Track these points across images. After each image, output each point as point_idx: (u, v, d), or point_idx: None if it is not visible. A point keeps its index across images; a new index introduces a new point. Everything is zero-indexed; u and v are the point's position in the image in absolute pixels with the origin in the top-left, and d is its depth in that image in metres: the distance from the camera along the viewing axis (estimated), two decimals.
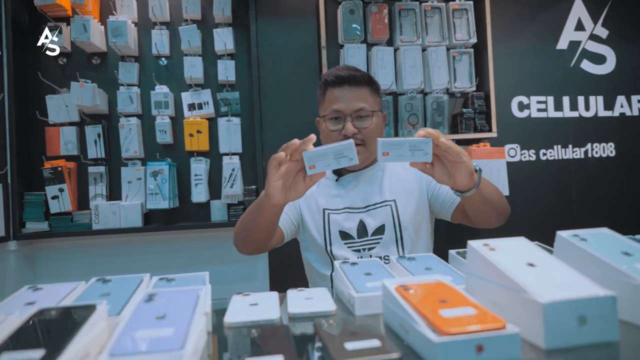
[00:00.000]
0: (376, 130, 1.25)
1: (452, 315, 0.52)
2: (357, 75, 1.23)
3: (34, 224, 2.00)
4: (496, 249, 0.67)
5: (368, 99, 1.24)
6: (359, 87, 1.23)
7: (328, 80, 1.24)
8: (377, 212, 1.25)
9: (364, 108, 1.21)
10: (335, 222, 1.25)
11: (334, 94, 1.23)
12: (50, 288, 0.79)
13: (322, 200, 1.29)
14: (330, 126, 1.23)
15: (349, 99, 1.21)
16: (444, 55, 2.31)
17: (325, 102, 1.25)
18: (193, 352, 0.51)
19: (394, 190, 1.28)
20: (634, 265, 0.61)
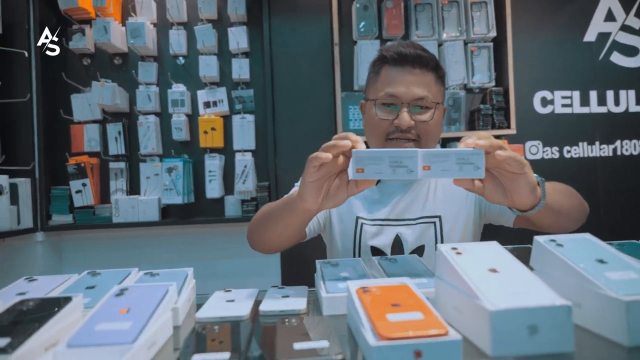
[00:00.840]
0: (436, 127, 1.03)
1: (398, 320, 0.52)
2: (424, 56, 1.01)
3: (60, 216, 2.12)
4: (463, 253, 0.66)
5: (432, 87, 1.01)
6: (424, 72, 1.00)
7: (387, 57, 1.02)
8: (417, 228, 1.07)
9: (427, 97, 0.99)
10: (367, 235, 1.07)
11: (392, 74, 1.00)
12: (44, 280, 0.85)
13: (356, 204, 1.11)
14: (381, 113, 1.01)
15: (409, 83, 0.99)
16: (461, 50, 2.25)
17: (378, 83, 1.03)
18: (147, 346, 0.54)
19: (440, 204, 1.09)
20: (605, 273, 0.59)
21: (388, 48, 1.04)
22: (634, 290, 0.54)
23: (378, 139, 1.03)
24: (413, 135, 1.01)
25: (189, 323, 0.70)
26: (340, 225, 1.11)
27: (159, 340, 0.58)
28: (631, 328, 0.52)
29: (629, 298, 0.52)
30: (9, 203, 1.86)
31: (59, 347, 0.51)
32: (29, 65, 2.04)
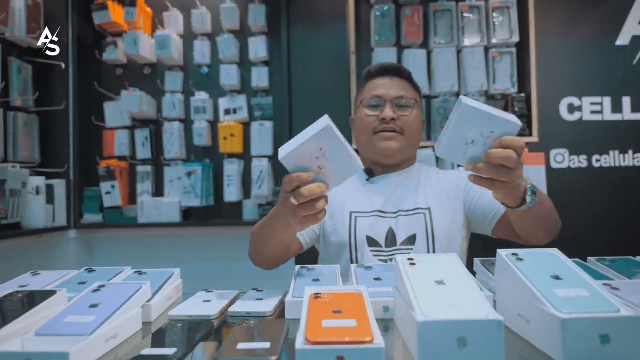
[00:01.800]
0: (416, 123, 1.19)
1: (330, 326, 0.55)
2: (401, 68, 1.23)
3: (91, 215, 2.27)
4: (417, 264, 0.67)
5: (409, 91, 1.21)
6: (401, 79, 1.21)
7: (371, 71, 1.23)
8: (409, 219, 1.16)
9: (405, 96, 1.18)
10: (363, 227, 1.15)
11: (376, 83, 1.20)
12: (47, 274, 0.93)
13: (349, 202, 1.19)
14: (369, 111, 1.18)
15: (390, 87, 1.18)
16: (481, 56, 2.21)
17: (365, 91, 1.22)
18: (105, 339, 0.59)
19: (429, 197, 1.18)
20: (554, 290, 0.58)
21: (372, 66, 1.26)
22: (577, 308, 0.54)
23: (367, 135, 1.19)
24: (397, 127, 1.16)
25: (164, 320, 0.75)
26: (332, 223, 1.18)
27: (121, 334, 0.63)
28: (567, 346, 0.51)
29: (567, 316, 0.52)
30: (45, 202, 2.02)
31: (28, 335, 0.57)
32: (67, 76, 2.21)
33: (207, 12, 2.31)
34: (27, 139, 2.05)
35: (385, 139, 1.15)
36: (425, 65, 2.22)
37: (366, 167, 1.24)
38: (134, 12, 2.20)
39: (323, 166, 0.74)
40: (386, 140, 1.15)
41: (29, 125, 2.06)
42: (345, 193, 1.19)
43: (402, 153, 1.19)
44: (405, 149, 1.18)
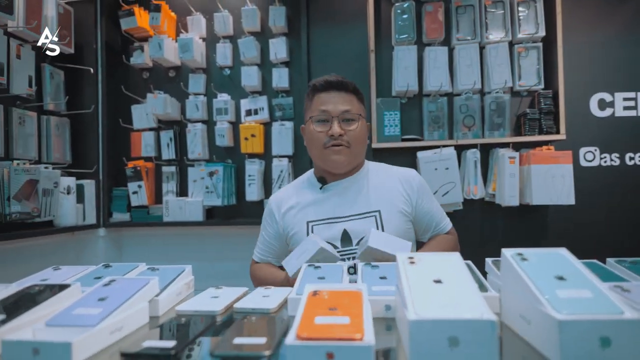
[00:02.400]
0: (362, 135, 1.29)
1: (323, 322, 0.55)
2: (345, 82, 1.29)
3: (119, 214, 2.35)
4: (416, 262, 0.66)
5: (354, 103, 1.29)
6: (346, 93, 1.28)
7: (317, 86, 1.30)
8: (361, 222, 1.25)
9: (350, 110, 1.26)
10: (319, 233, 1.25)
11: (322, 98, 1.28)
12: (67, 269, 0.98)
13: (305, 212, 1.29)
14: (317, 127, 1.26)
15: (335, 102, 1.26)
16: (506, 51, 2.15)
17: (312, 106, 1.30)
18: (110, 331, 0.62)
19: (379, 200, 1.28)
20: (556, 290, 0.57)
21: (317, 80, 1.31)
22: (577, 309, 0.52)
23: (318, 149, 1.28)
24: (344, 141, 1.25)
25: (172, 314, 0.78)
26: (294, 234, 1.29)
27: (127, 327, 0.66)
28: (564, 348, 0.50)
29: (564, 317, 0.50)
30: (75, 202, 2.11)
31: (38, 325, 0.61)
32: (96, 80, 2.31)
33: (228, 15, 2.36)
34: (59, 141, 2.15)
35: (334, 152, 1.25)
36: (447, 62, 2.18)
37: (318, 176, 1.35)
38: (158, 17, 2.26)
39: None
40: (335, 154, 1.25)
41: (60, 128, 2.16)
42: (301, 204, 1.31)
43: (350, 164, 1.29)
44: (352, 160, 1.28)
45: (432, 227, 1.34)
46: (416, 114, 2.27)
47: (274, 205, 1.35)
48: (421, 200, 1.31)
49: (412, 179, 1.33)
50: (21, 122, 1.91)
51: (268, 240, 1.36)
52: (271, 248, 1.36)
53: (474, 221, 2.20)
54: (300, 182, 1.40)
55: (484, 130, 2.18)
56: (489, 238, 2.19)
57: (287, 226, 1.30)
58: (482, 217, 2.20)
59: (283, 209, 1.32)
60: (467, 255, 0.78)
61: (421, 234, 1.36)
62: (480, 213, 2.19)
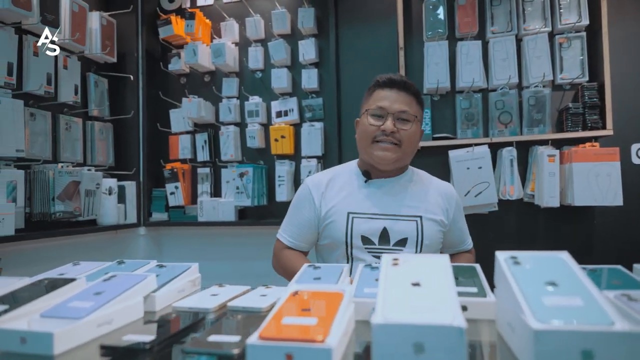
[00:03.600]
0: (414, 137, 1.29)
1: (289, 323, 0.54)
2: (408, 83, 1.30)
3: (158, 214, 2.47)
4: (400, 264, 0.64)
5: (413, 105, 1.29)
6: (407, 94, 1.28)
7: (380, 82, 1.30)
8: (402, 223, 1.26)
9: (408, 111, 1.26)
10: (359, 226, 1.25)
11: (382, 93, 1.28)
12: (85, 265, 1.03)
13: (347, 202, 1.29)
14: (372, 120, 1.27)
15: (394, 100, 1.26)
16: (545, 43, 2.02)
17: (370, 100, 1.31)
18: (97, 324, 0.64)
19: (421, 206, 1.29)
20: (543, 297, 0.52)
21: (382, 76, 1.31)
22: (559, 319, 0.47)
23: (367, 142, 1.28)
24: (396, 139, 1.25)
25: (169, 310, 0.80)
26: (335, 222, 1.29)
27: (118, 321, 0.69)
28: (539, 359, 0.45)
29: (541, 327, 0.46)
30: (117, 202, 2.24)
31: (34, 315, 0.64)
32: (137, 87, 2.44)
33: (260, 19, 2.40)
34: (103, 144, 2.29)
35: (383, 149, 1.25)
36: (480, 57, 2.08)
37: (363, 169, 1.35)
38: (192, 24, 2.35)
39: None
40: (383, 151, 1.25)
41: (104, 132, 2.30)
42: (343, 194, 1.31)
43: (397, 163, 1.29)
44: (400, 160, 1.29)
45: (458, 243, 1.38)
46: (449, 111, 2.19)
47: (313, 188, 1.33)
48: (456, 216, 1.35)
49: (452, 194, 1.37)
50: (67, 128, 2.05)
51: (302, 223, 1.33)
52: (304, 232, 1.33)
53: (510, 223, 2.08)
54: (341, 170, 1.39)
55: (522, 127, 2.06)
56: (528, 241, 2.07)
57: (326, 210, 1.29)
58: (520, 219, 2.07)
59: (323, 190, 1.32)
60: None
61: (446, 248, 1.38)
62: (517, 214, 2.07)
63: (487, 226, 2.08)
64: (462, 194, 1.98)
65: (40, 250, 1.85)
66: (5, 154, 1.67)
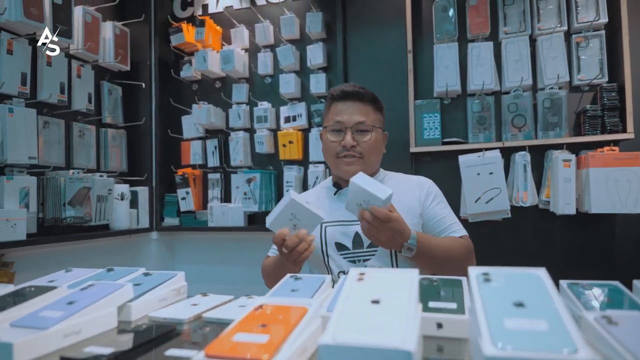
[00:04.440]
0: (375, 145, 1.30)
1: (240, 340, 0.53)
2: (361, 92, 1.30)
3: (170, 219, 2.51)
4: (365, 279, 0.61)
5: (370, 114, 1.30)
6: (363, 103, 1.29)
7: (334, 95, 1.32)
8: None
9: (364, 122, 1.27)
10: (332, 234, 1.27)
11: (338, 107, 1.30)
12: (77, 271, 1.04)
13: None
14: (332, 137, 1.29)
15: (351, 113, 1.28)
16: (561, 42, 1.94)
17: (329, 115, 1.32)
18: (63, 334, 0.65)
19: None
20: (505, 319, 0.49)
21: (335, 89, 1.33)
22: (517, 344, 0.44)
23: (331, 158, 1.31)
24: (357, 153, 1.27)
25: (146, 320, 0.80)
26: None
27: (87, 331, 0.69)
28: None
29: (494, 352, 0.43)
30: (129, 207, 2.29)
31: (4, 324, 0.65)
32: (150, 94, 2.49)
33: (269, 25, 2.41)
34: (116, 151, 2.34)
35: (346, 163, 1.27)
36: (492, 58, 2.02)
37: (334, 181, 1.38)
38: (202, 31, 2.38)
39: (296, 223, 1.07)
40: (347, 165, 1.27)
41: (117, 139, 2.35)
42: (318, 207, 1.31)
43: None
44: (364, 170, 1.24)
45: (440, 231, 1.29)
46: (460, 115, 2.13)
47: None
48: (430, 202, 1.31)
49: (423, 182, 1.35)
50: (81, 135, 2.11)
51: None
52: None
53: (524, 231, 2.00)
54: (319, 188, 1.45)
55: (537, 130, 1.98)
56: (542, 250, 1.98)
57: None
58: (534, 227, 1.99)
59: None
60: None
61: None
62: (532, 222, 1.99)
63: (500, 234, 2.01)
64: (473, 200, 1.92)
65: (53, 254, 1.91)
66: (18, 161, 1.72)
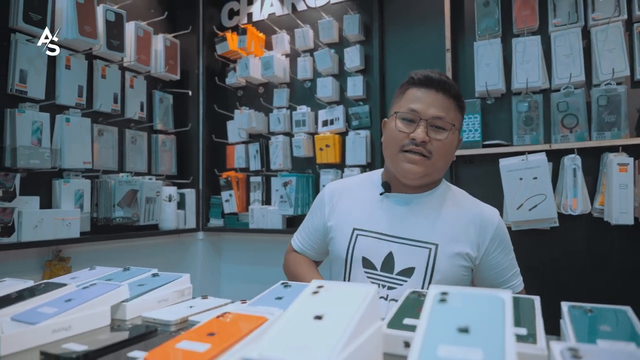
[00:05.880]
0: (448, 148, 1.09)
1: (181, 347, 0.54)
2: (448, 83, 1.09)
3: (215, 220, 2.62)
4: (319, 292, 0.60)
5: (451, 111, 1.09)
6: (445, 96, 1.08)
7: (414, 79, 1.11)
8: (412, 249, 1.08)
9: (444, 118, 1.07)
10: (362, 246, 1.11)
11: (417, 93, 1.09)
12: (100, 269, 1.13)
13: (355, 216, 1.16)
14: (401, 126, 1.08)
15: (430, 103, 1.07)
16: (619, 33, 1.75)
17: (402, 100, 1.11)
18: (52, 330, 0.70)
19: (441, 231, 1.09)
20: (439, 346, 0.45)
21: (417, 72, 1.11)
22: None
23: (393, 150, 1.10)
24: (426, 151, 1.06)
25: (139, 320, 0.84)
26: (339, 235, 1.16)
27: (78, 327, 0.74)
28: None
29: None
30: (176, 208, 2.43)
31: (4, 318, 0.73)
32: (197, 101, 2.62)
33: (308, 30, 2.43)
34: (167, 155, 2.50)
35: (410, 160, 1.07)
36: (539, 54, 1.87)
37: (384, 180, 1.17)
38: (244, 39, 2.46)
39: None
40: (410, 163, 1.07)
41: (167, 144, 2.51)
42: (354, 205, 1.18)
43: (425, 178, 1.10)
44: (429, 175, 1.10)
45: (498, 283, 1.11)
46: (505, 116, 2.00)
47: (328, 196, 1.24)
48: (494, 249, 1.10)
49: (491, 222, 1.11)
50: (133, 141, 2.28)
51: (311, 231, 1.26)
52: (312, 240, 1.26)
53: (575, 242, 1.82)
54: (364, 178, 1.26)
55: (591, 131, 1.80)
56: (594, 264, 1.79)
57: (332, 221, 1.19)
58: (586, 237, 1.80)
59: (336, 201, 1.21)
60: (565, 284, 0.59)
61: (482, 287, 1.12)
62: (583, 232, 1.81)
63: (547, 244, 1.85)
64: (514, 207, 1.79)
65: (106, 251, 2.08)
66: (74, 166, 1.91)
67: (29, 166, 1.74)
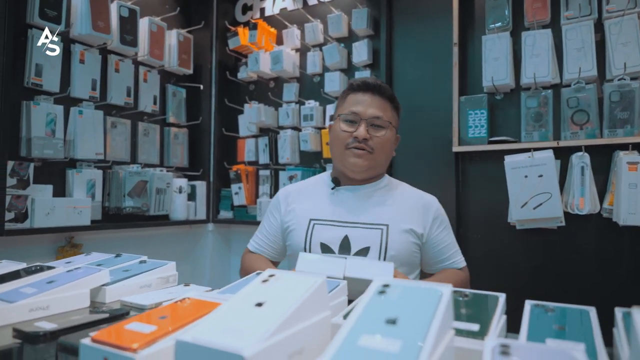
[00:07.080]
0: (387, 144, 1.25)
1: (129, 329, 0.57)
2: (383, 87, 1.26)
3: (225, 212, 2.67)
4: (269, 281, 0.61)
5: (387, 111, 1.26)
6: (382, 98, 1.25)
7: (354, 85, 1.28)
8: (366, 231, 1.20)
9: (381, 117, 1.23)
10: (319, 233, 1.22)
11: (356, 98, 1.25)
12: (95, 255, 1.18)
13: (310, 209, 1.27)
14: (344, 126, 1.24)
15: (368, 105, 1.23)
16: (634, 26, 1.68)
17: (344, 105, 1.28)
18: (28, 309, 0.75)
19: (390, 214, 1.23)
20: (361, 336, 0.46)
21: (356, 79, 1.30)
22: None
23: (339, 149, 1.25)
24: (368, 147, 1.21)
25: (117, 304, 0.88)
26: (296, 227, 1.27)
27: (54, 307, 0.78)
28: None
29: None
30: (186, 199, 2.49)
31: None
32: (209, 95, 2.67)
33: (318, 24, 2.44)
34: (179, 148, 2.56)
35: (355, 155, 1.21)
36: (549, 48, 1.81)
37: (333, 176, 1.32)
38: (255, 34, 2.49)
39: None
40: (356, 157, 1.21)
41: (179, 137, 2.57)
42: (309, 201, 1.29)
43: (369, 171, 1.25)
44: (373, 168, 1.25)
45: (442, 259, 1.26)
46: (513, 111, 1.95)
47: (282, 197, 1.35)
48: (436, 228, 1.25)
49: (431, 204, 1.28)
50: (146, 134, 2.35)
51: (268, 231, 1.35)
52: (269, 239, 1.35)
53: (582, 242, 1.76)
54: (314, 180, 1.40)
55: (602, 128, 1.74)
56: (602, 264, 1.73)
57: (289, 220, 1.29)
58: (594, 238, 1.74)
59: (290, 202, 1.32)
60: (570, 285, 0.57)
61: (428, 265, 1.28)
62: (592, 232, 1.75)
63: (552, 243, 1.80)
64: (518, 205, 1.75)
65: (117, 239, 2.16)
66: (86, 157, 1.98)
67: (42, 156, 1.82)
